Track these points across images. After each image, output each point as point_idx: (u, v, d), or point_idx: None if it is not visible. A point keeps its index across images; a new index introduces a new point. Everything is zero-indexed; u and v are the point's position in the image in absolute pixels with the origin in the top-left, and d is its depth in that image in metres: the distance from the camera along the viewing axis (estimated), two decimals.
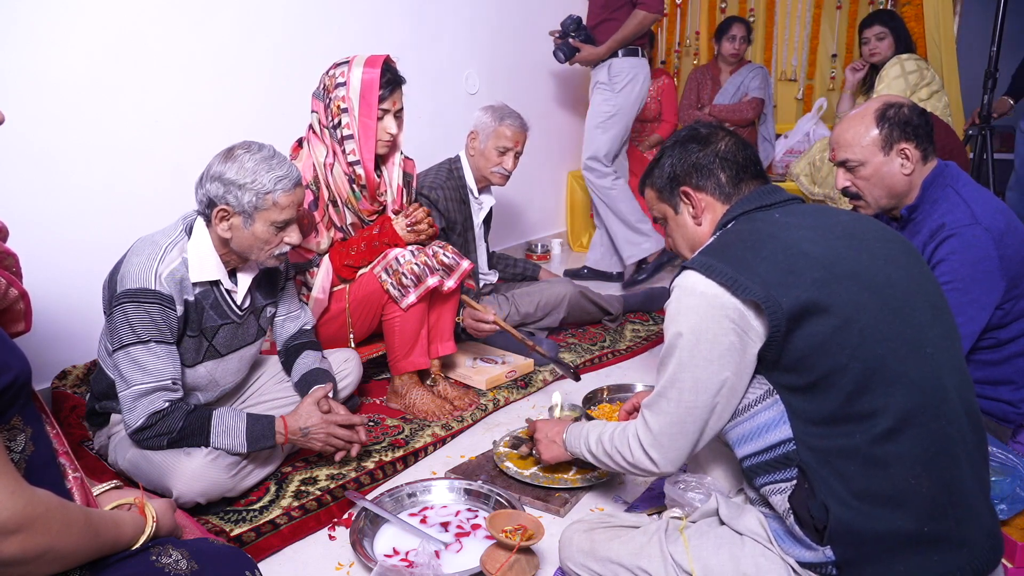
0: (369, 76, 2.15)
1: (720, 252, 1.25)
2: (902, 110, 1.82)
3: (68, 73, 2.25)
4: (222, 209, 1.68)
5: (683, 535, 1.31)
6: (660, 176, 1.47)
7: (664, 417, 1.32)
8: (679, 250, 1.51)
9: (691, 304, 1.24)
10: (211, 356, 1.82)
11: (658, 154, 1.50)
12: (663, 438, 1.32)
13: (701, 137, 1.43)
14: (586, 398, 2.38)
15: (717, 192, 1.40)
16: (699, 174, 1.41)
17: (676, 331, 1.27)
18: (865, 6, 4.52)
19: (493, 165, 2.77)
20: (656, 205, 1.51)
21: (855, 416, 1.14)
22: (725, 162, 1.40)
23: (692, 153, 1.42)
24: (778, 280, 1.17)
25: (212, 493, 1.69)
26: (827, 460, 1.15)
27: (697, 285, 1.23)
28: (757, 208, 1.35)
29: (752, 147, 1.44)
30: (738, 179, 1.40)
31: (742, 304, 1.19)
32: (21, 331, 1.11)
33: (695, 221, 1.44)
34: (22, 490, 0.85)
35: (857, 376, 1.13)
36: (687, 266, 1.27)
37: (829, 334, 1.14)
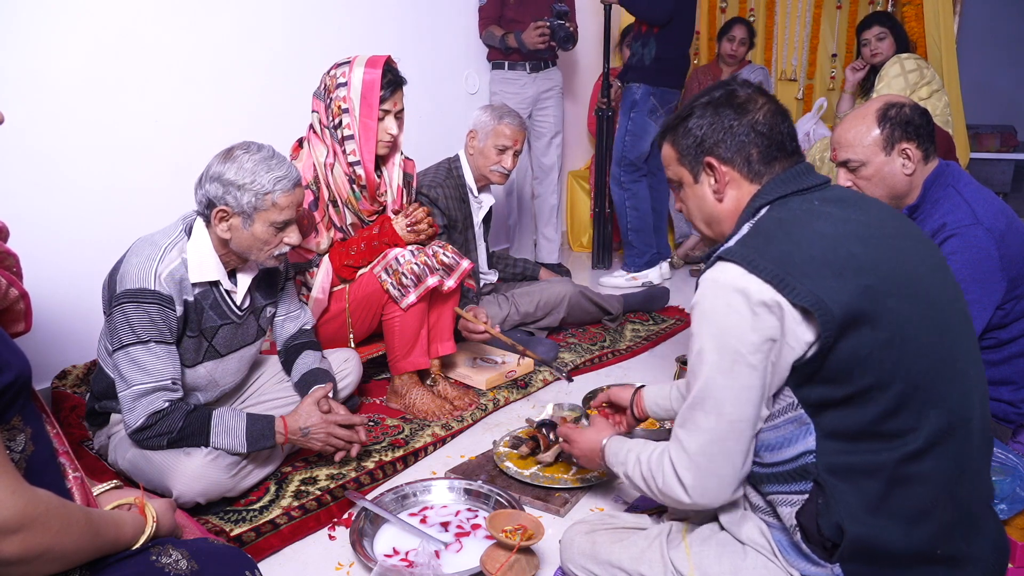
0: (370, 77, 2.15)
1: (761, 244, 1.12)
2: (903, 110, 1.81)
3: (68, 73, 2.25)
4: (221, 210, 1.68)
5: (685, 541, 1.28)
6: (685, 137, 1.29)
7: (701, 435, 1.15)
8: (692, 220, 1.37)
9: (731, 301, 1.09)
10: (211, 356, 1.82)
11: (686, 109, 1.31)
12: (700, 459, 1.15)
13: (738, 102, 1.26)
14: (586, 398, 2.39)
15: (746, 169, 1.25)
16: (729, 146, 1.25)
17: (712, 331, 1.12)
18: (865, 6, 4.52)
19: (492, 164, 2.77)
20: (673, 166, 1.34)
21: (886, 434, 1.07)
22: (760, 136, 1.24)
23: (725, 120, 1.25)
24: (828, 284, 1.05)
25: (212, 493, 1.69)
26: (848, 476, 1.08)
27: (737, 280, 1.09)
28: (793, 193, 1.21)
29: (790, 118, 1.28)
30: (770, 156, 1.24)
31: (790, 306, 1.06)
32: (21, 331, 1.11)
33: (716, 196, 1.28)
34: (22, 490, 0.85)
35: (897, 394, 1.05)
36: (725, 256, 1.13)
37: (874, 348, 1.05)
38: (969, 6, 4.57)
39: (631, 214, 3.87)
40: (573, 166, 4.81)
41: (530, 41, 3.67)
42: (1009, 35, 5.48)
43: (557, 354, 2.78)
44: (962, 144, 3.86)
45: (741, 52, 4.32)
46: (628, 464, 1.35)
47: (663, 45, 3.61)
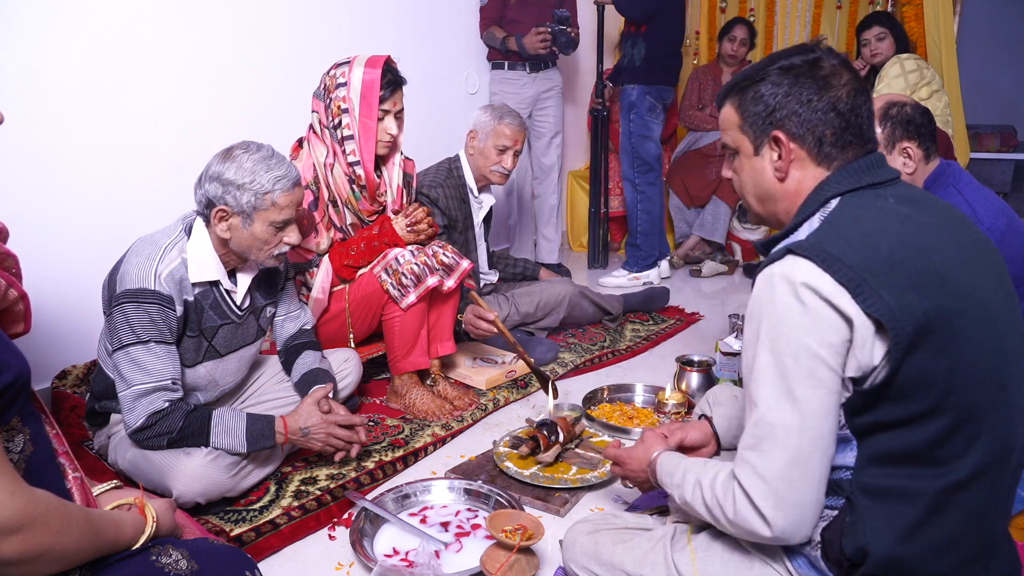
0: (370, 77, 2.15)
1: (838, 242, 1.02)
2: (904, 109, 1.81)
3: (68, 73, 2.25)
4: (221, 209, 1.68)
5: (691, 545, 1.24)
6: (754, 103, 1.16)
7: (780, 454, 1.01)
8: (742, 193, 1.25)
9: (805, 299, 0.99)
10: (211, 356, 1.82)
11: (759, 70, 1.17)
12: (779, 484, 1.01)
13: (821, 75, 1.12)
14: (586, 398, 2.39)
15: (816, 149, 1.13)
16: (803, 121, 1.12)
17: (785, 333, 1.01)
18: (865, 6, 4.52)
19: (493, 164, 2.77)
20: (732, 131, 1.21)
21: (931, 461, 1.01)
22: (839, 117, 1.12)
23: (804, 92, 1.12)
24: (906, 297, 0.97)
25: (212, 493, 1.69)
26: (884, 499, 1.02)
27: (810, 276, 1.00)
28: (867, 186, 1.11)
29: (871, 100, 1.16)
30: (845, 140, 1.12)
31: (862, 316, 0.97)
32: (21, 332, 1.11)
33: (777, 173, 1.16)
34: (22, 490, 0.85)
35: (949, 421, 0.99)
36: (797, 251, 1.02)
37: (937, 372, 0.98)
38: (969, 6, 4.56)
39: (642, 217, 3.88)
40: (573, 166, 4.81)
41: (531, 46, 3.68)
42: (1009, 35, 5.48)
43: (557, 354, 2.78)
44: (962, 144, 3.86)
45: (742, 52, 4.32)
46: (686, 488, 1.18)
47: (651, 44, 3.62)
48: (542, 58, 3.81)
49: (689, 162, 4.42)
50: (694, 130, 4.49)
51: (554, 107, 4.00)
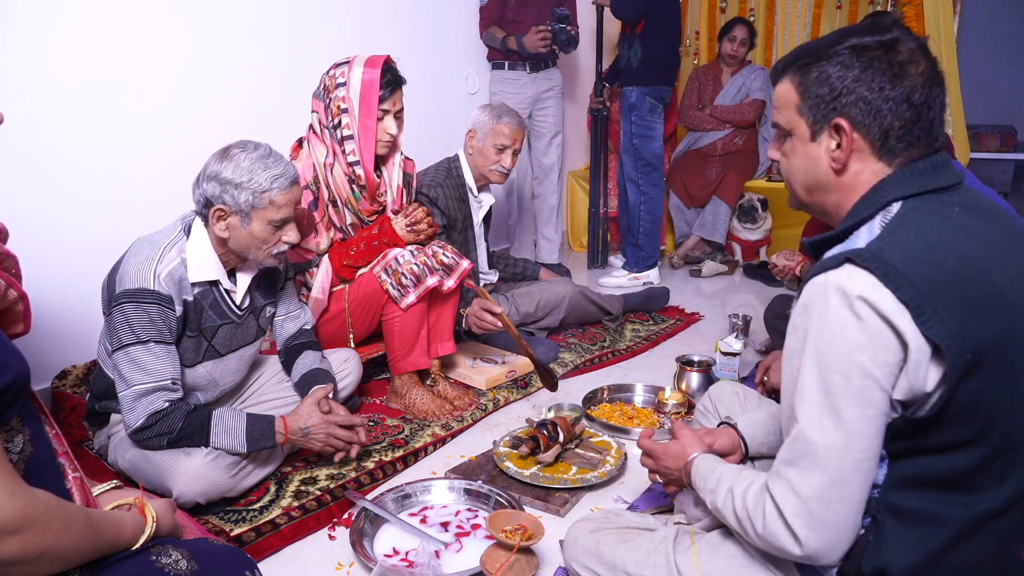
0: (369, 76, 2.15)
1: (901, 254, 0.94)
2: None
3: (68, 73, 2.25)
4: (219, 209, 1.68)
5: (694, 548, 1.21)
6: (818, 84, 1.05)
7: (819, 474, 0.96)
8: (789, 179, 1.16)
9: (861, 313, 0.92)
10: (210, 356, 1.82)
11: (826, 44, 1.06)
12: (816, 505, 0.96)
13: (898, 59, 1.01)
14: (586, 398, 2.39)
15: (880, 142, 1.03)
16: (871, 111, 1.02)
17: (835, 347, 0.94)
18: (865, 6, 4.52)
19: (492, 163, 2.77)
20: (787, 111, 1.11)
21: (965, 488, 0.97)
22: (912, 110, 1.01)
23: (876, 79, 1.01)
24: (967, 321, 0.92)
25: (212, 493, 1.69)
26: (912, 521, 0.99)
27: (868, 291, 0.92)
28: (932, 191, 1.02)
29: (945, 92, 1.06)
30: (912, 136, 1.03)
31: (920, 338, 0.91)
32: (20, 332, 1.11)
33: (834, 164, 1.07)
34: (21, 490, 0.85)
35: (991, 450, 0.96)
36: (856, 260, 0.95)
37: (987, 400, 0.94)
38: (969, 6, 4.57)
39: (645, 218, 3.89)
40: (573, 166, 4.81)
41: (531, 45, 3.68)
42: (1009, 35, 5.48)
43: (557, 354, 2.78)
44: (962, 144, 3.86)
45: (742, 52, 4.32)
46: (719, 494, 1.13)
47: (647, 45, 3.62)
48: (542, 58, 3.81)
49: (689, 162, 4.42)
50: (694, 130, 4.49)
51: (554, 107, 4.00)
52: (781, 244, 4.11)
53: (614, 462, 1.97)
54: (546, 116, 4.00)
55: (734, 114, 4.32)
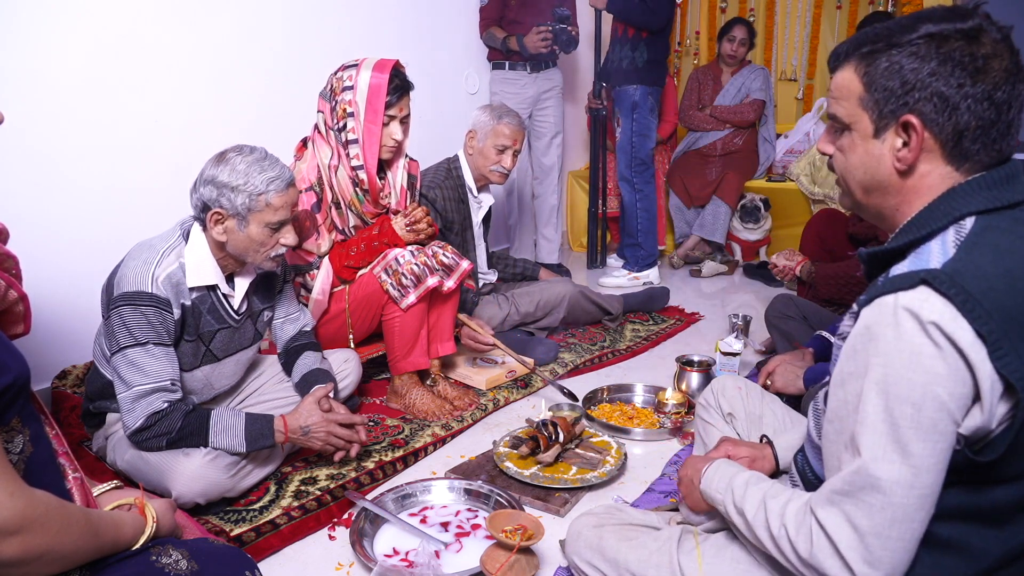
0: (377, 81, 2.14)
1: (979, 280, 0.87)
2: None
3: (68, 73, 2.25)
4: (216, 212, 1.68)
5: (698, 549, 1.19)
6: (887, 76, 0.95)
7: (881, 511, 0.89)
8: (845, 178, 1.06)
9: (940, 343, 0.85)
10: (208, 360, 1.82)
11: (897, 29, 0.95)
12: (874, 541, 0.89)
13: (982, 53, 0.91)
14: (586, 398, 2.39)
15: (952, 144, 0.94)
16: (947, 109, 0.92)
17: (908, 377, 0.87)
18: (865, 6, 4.52)
19: (492, 164, 2.77)
20: (848, 102, 1.01)
21: (1003, 522, 0.93)
22: (993, 109, 0.92)
23: (955, 75, 0.92)
24: None
25: (211, 493, 1.69)
26: (943, 550, 0.94)
27: (946, 321, 0.85)
28: (1006, 207, 0.94)
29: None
30: (988, 139, 0.94)
31: (993, 373, 0.85)
32: (20, 333, 1.11)
33: (898, 164, 0.98)
34: (21, 491, 0.85)
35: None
36: (933, 283, 0.86)
37: None
38: None
39: (642, 216, 3.91)
40: (573, 166, 4.81)
41: (532, 45, 3.69)
42: None
43: (557, 354, 2.79)
44: None
45: (741, 52, 4.32)
46: (748, 502, 1.06)
47: (653, 48, 3.70)
48: (543, 58, 3.81)
49: (689, 162, 4.42)
50: (694, 130, 4.49)
51: (554, 107, 4.01)
52: (781, 244, 4.11)
53: (614, 462, 1.97)
54: (546, 116, 4.01)
55: (734, 114, 4.33)
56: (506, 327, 2.87)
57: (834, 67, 1.04)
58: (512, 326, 2.89)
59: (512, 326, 2.89)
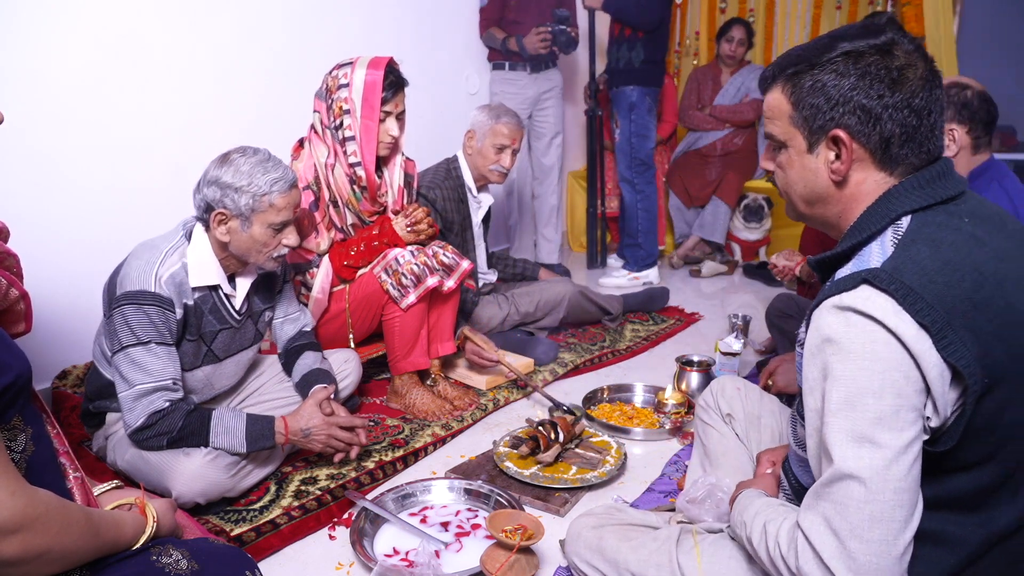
0: (372, 78, 2.15)
1: (918, 274, 0.90)
2: (965, 92, 1.76)
3: (68, 73, 2.25)
4: (220, 213, 1.69)
5: (697, 548, 1.20)
6: (812, 94, 1.01)
7: (856, 509, 0.88)
8: (787, 191, 1.12)
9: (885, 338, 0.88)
10: (209, 361, 1.82)
11: (817, 49, 1.02)
12: (855, 545, 0.88)
13: (896, 65, 0.97)
14: (586, 398, 2.39)
15: (881, 152, 1.00)
16: (870, 120, 0.98)
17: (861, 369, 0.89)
18: (865, 6, 4.52)
19: (491, 163, 2.77)
20: (780, 122, 1.07)
21: (978, 507, 0.95)
22: (914, 115, 0.97)
23: (874, 87, 0.97)
24: (987, 343, 0.89)
25: (211, 493, 1.69)
26: (925, 543, 0.95)
27: (888, 315, 0.88)
28: (941, 202, 0.99)
29: (944, 94, 1.02)
30: (915, 142, 0.99)
31: (940, 363, 0.88)
32: (22, 332, 1.11)
33: (834, 176, 1.03)
34: (22, 490, 0.85)
35: (1003, 469, 0.94)
36: (874, 281, 0.91)
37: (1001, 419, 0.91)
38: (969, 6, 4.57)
39: (642, 216, 3.91)
40: (573, 166, 4.81)
41: (531, 46, 3.69)
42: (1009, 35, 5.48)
43: (557, 354, 2.78)
44: None
45: (740, 52, 4.33)
46: (754, 532, 1.05)
47: (649, 48, 3.70)
48: (543, 58, 3.82)
49: (689, 162, 4.42)
50: (694, 130, 4.49)
51: (554, 107, 4.01)
52: (781, 244, 4.11)
53: (614, 462, 1.97)
54: (546, 117, 4.01)
55: (733, 114, 4.33)
56: (506, 327, 2.87)
57: (763, 90, 1.10)
58: (512, 326, 2.89)
59: (512, 326, 2.89)
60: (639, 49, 3.68)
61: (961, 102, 1.74)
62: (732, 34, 4.29)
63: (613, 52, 3.80)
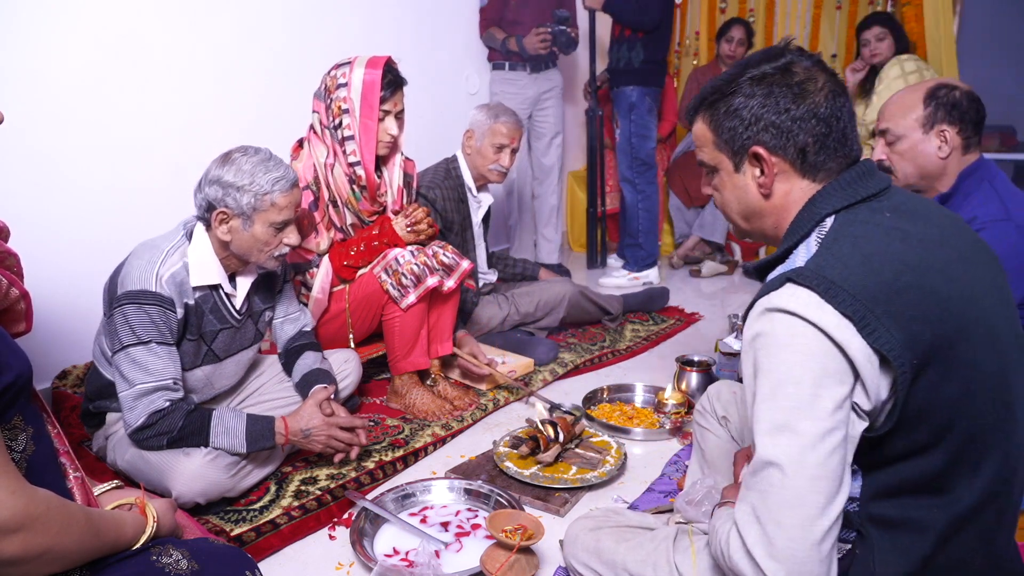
0: (370, 77, 2.15)
1: (839, 269, 0.95)
2: (953, 92, 1.77)
3: (68, 73, 2.25)
4: (221, 212, 1.69)
5: (693, 547, 1.21)
6: (728, 118, 1.10)
7: (775, 493, 0.91)
8: (726, 211, 1.20)
9: (808, 332, 0.92)
10: (209, 360, 1.82)
11: (728, 82, 1.10)
12: (774, 530, 0.91)
13: (796, 80, 1.06)
14: (586, 398, 2.39)
15: (799, 161, 1.07)
16: (782, 133, 1.06)
17: (783, 361, 0.94)
18: (865, 6, 4.52)
19: (490, 163, 2.77)
20: (708, 149, 1.15)
21: (939, 489, 0.98)
22: (821, 123, 1.05)
23: (780, 102, 1.06)
24: (911, 327, 0.92)
25: (211, 493, 1.69)
26: (894, 530, 0.99)
27: (811, 310, 0.93)
28: (863, 200, 1.05)
29: (850, 99, 1.10)
30: (828, 148, 1.06)
31: (867, 350, 0.92)
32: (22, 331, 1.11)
33: (762, 190, 1.11)
34: (23, 489, 0.85)
35: (956, 447, 0.96)
36: (797, 279, 0.95)
37: (942, 399, 0.94)
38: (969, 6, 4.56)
39: (643, 216, 3.92)
40: (573, 167, 4.81)
41: (531, 47, 3.69)
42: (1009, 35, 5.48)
43: (557, 354, 2.79)
44: None
45: (739, 52, 4.32)
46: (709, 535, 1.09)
47: (649, 48, 3.71)
48: (543, 59, 3.82)
49: (689, 162, 4.42)
50: None
51: (554, 107, 4.01)
52: None
53: (614, 462, 1.97)
54: (546, 117, 4.01)
55: None
56: (506, 327, 2.87)
57: (689, 123, 1.19)
58: (512, 326, 2.89)
59: (512, 326, 2.89)
60: (639, 49, 3.68)
61: (951, 103, 1.76)
62: (732, 34, 4.29)
63: (614, 52, 3.80)
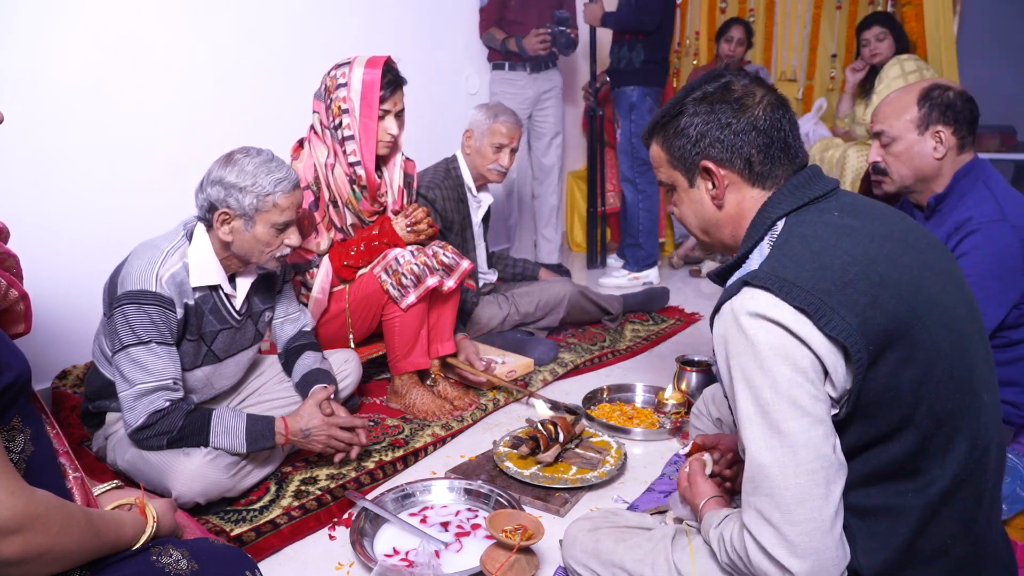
0: (370, 77, 2.15)
1: (791, 267, 1.00)
2: (947, 93, 1.77)
3: (68, 73, 2.25)
4: (223, 212, 1.69)
5: (691, 546, 1.22)
6: (677, 137, 1.18)
7: (780, 496, 0.96)
8: (687, 226, 1.27)
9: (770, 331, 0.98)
10: (209, 361, 1.82)
11: (675, 105, 1.19)
12: (789, 530, 0.95)
13: (735, 97, 1.15)
14: (586, 398, 2.39)
15: (747, 171, 1.15)
16: (727, 147, 1.14)
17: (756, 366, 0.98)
18: (865, 6, 4.52)
19: (490, 162, 2.77)
20: (664, 168, 1.24)
21: (912, 473, 1.01)
22: (761, 135, 1.13)
23: (722, 117, 1.14)
24: (865, 315, 0.97)
25: (211, 493, 1.69)
26: (871, 518, 1.02)
27: (770, 309, 0.98)
28: (809, 202, 1.11)
29: (791, 111, 1.17)
30: (773, 157, 1.14)
31: (825, 340, 0.96)
32: (21, 332, 1.11)
33: (715, 202, 1.18)
34: (22, 490, 0.85)
35: (921, 433, 0.99)
36: (752, 282, 1.01)
37: (904, 386, 0.98)
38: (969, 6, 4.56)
39: (644, 216, 3.92)
40: (573, 166, 4.81)
41: (531, 47, 3.70)
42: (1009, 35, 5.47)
43: (557, 354, 2.79)
44: None
45: (739, 52, 4.32)
46: (715, 543, 1.12)
47: (650, 49, 3.72)
48: (543, 59, 3.82)
49: None
50: None
51: (554, 108, 4.01)
52: None
53: (614, 462, 1.97)
54: (546, 117, 4.01)
55: None
56: (506, 327, 2.87)
57: (646, 146, 1.26)
58: (512, 326, 2.89)
59: (512, 326, 2.89)
60: (639, 50, 3.69)
61: (945, 104, 1.76)
62: (731, 34, 4.28)
63: (615, 53, 3.80)
